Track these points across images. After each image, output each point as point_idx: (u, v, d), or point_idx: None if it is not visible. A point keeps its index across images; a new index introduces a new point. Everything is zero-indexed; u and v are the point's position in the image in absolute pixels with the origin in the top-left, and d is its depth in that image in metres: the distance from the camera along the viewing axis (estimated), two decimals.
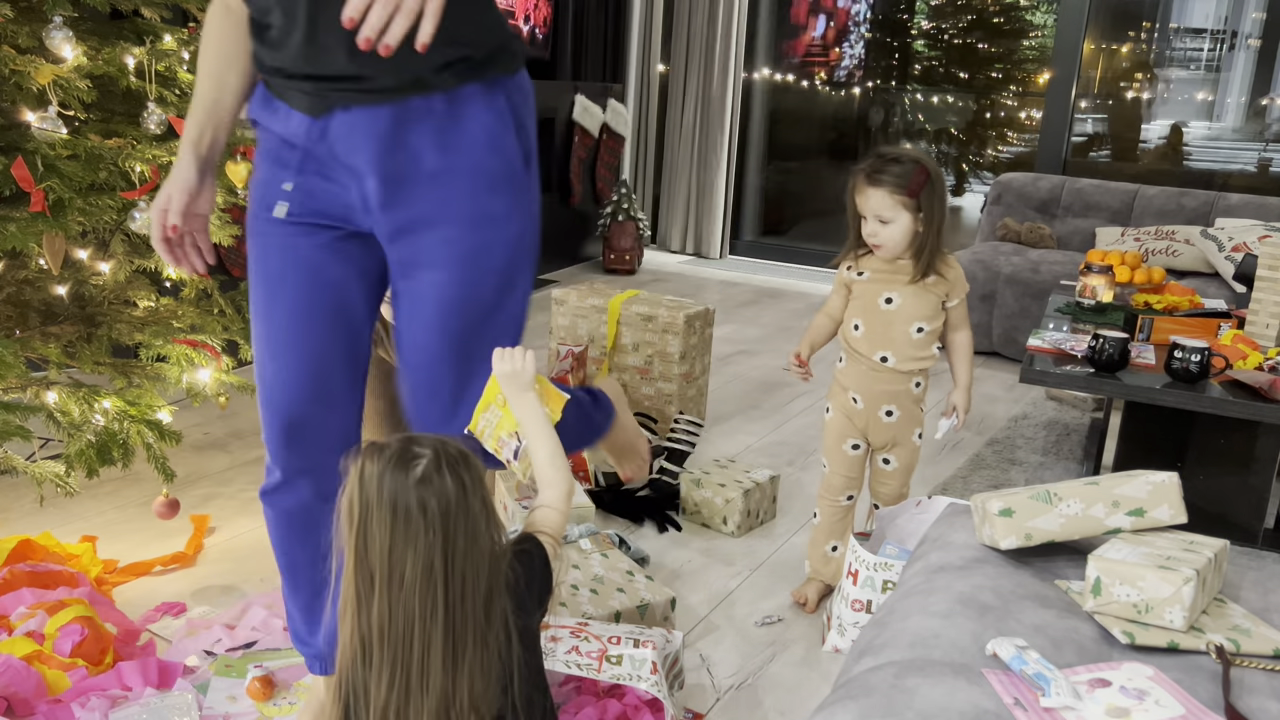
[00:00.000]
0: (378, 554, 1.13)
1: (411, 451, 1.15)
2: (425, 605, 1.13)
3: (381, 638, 1.14)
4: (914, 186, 1.96)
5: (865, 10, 6.38)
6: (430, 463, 1.14)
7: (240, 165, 2.22)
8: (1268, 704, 1.22)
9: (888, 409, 2.15)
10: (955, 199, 6.45)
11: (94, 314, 2.25)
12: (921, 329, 2.10)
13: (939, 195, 2.00)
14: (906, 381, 2.14)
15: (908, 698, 1.18)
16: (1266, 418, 2.34)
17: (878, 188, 1.99)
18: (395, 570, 1.13)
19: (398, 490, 1.13)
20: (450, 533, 1.14)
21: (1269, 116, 5.36)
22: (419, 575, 1.13)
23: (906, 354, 2.11)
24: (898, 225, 2.00)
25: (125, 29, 2.19)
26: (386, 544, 1.13)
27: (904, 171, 1.97)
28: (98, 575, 2.11)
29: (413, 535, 1.13)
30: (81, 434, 2.14)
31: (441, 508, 1.13)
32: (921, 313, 2.09)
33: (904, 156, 1.99)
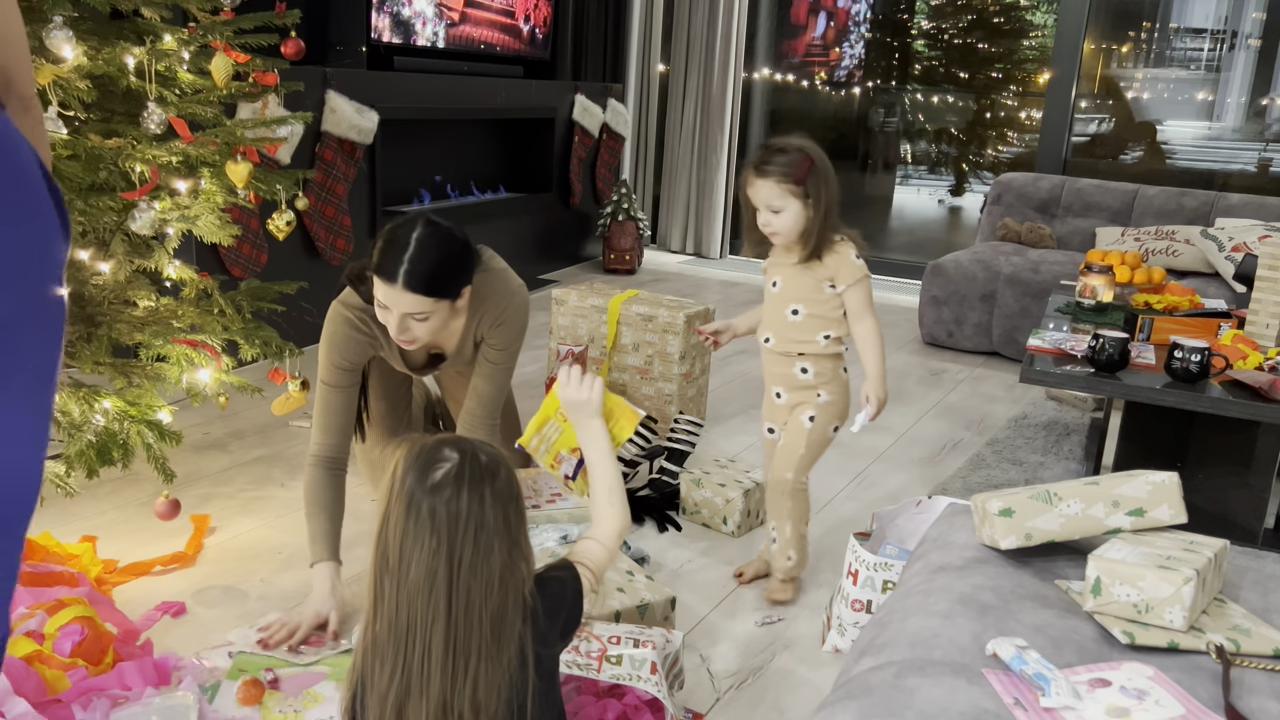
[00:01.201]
0: (394, 545, 1.14)
1: (439, 455, 1.16)
2: (427, 609, 1.13)
3: (390, 630, 1.15)
4: (799, 174, 2.02)
5: (865, 10, 6.38)
6: (450, 471, 1.15)
7: (240, 165, 2.22)
8: (1268, 704, 1.22)
9: (776, 390, 2.21)
10: (955, 199, 6.46)
11: (94, 314, 2.25)
12: (797, 311, 2.12)
13: (826, 181, 2.05)
14: (789, 365, 2.16)
15: (908, 698, 1.18)
16: (1266, 418, 2.34)
17: (765, 178, 2.04)
18: (404, 566, 1.14)
19: (414, 490, 1.14)
20: (456, 544, 1.13)
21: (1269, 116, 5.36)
22: (423, 577, 1.13)
23: (785, 336, 2.15)
24: (788, 213, 2.04)
25: (125, 29, 2.19)
26: (398, 538, 1.14)
27: (790, 161, 2.02)
28: (98, 575, 2.11)
29: (420, 536, 1.13)
30: (82, 434, 2.14)
31: (450, 517, 1.13)
32: (798, 295, 2.12)
33: (789, 146, 2.04)
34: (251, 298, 2.49)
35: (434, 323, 2.06)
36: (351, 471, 2.80)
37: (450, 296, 2.07)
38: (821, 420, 2.17)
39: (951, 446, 3.30)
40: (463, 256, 2.10)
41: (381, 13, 4.20)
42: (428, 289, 1.99)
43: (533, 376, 3.64)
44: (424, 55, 4.51)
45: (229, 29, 2.25)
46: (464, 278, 2.12)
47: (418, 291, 1.98)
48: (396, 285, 1.97)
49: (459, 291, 2.10)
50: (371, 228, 4.21)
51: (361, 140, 3.95)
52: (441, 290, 2.03)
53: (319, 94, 3.79)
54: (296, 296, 2.69)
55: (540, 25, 5.26)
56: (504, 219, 5.10)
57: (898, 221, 6.55)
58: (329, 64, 4.07)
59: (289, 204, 2.46)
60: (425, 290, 1.99)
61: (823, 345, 2.14)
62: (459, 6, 4.66)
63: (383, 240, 2.02)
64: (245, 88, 2.34)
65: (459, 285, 2.10)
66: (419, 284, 1.98)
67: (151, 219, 2.05)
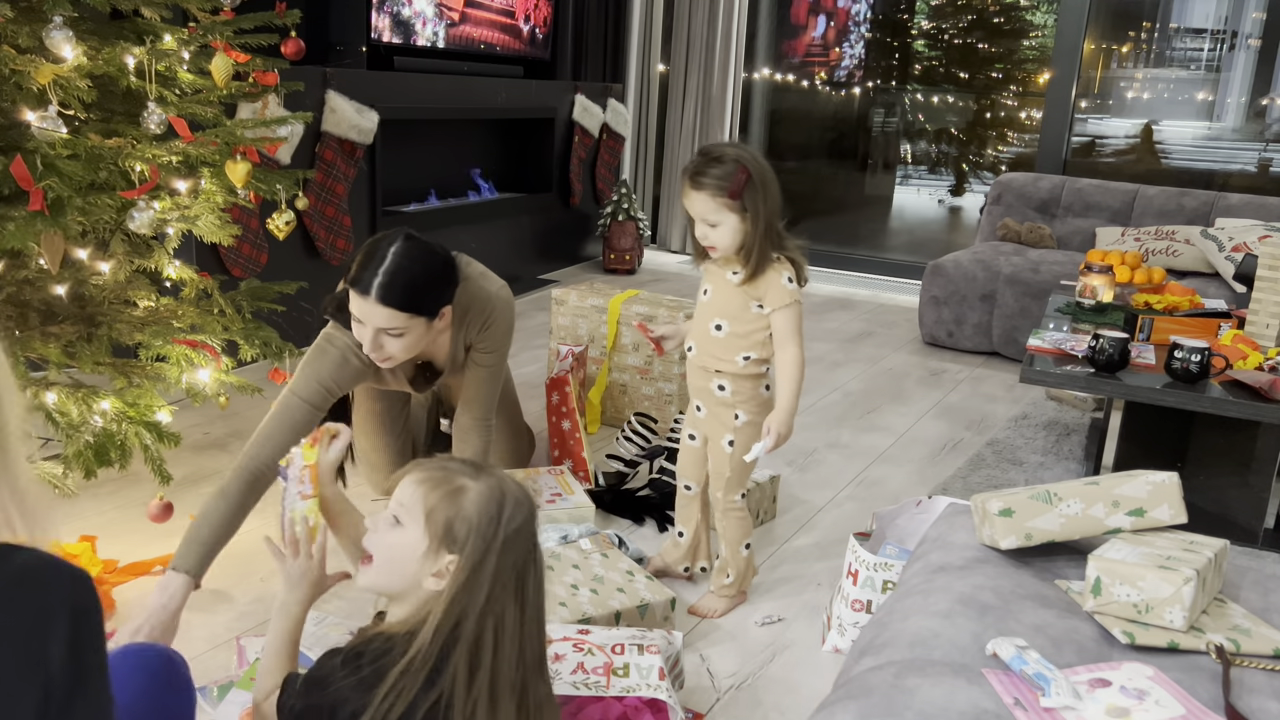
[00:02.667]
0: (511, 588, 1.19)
1: (520, 493, 1.23)
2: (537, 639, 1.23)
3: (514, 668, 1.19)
4: (735, 188, 1.89)
5: (865, 10, 6.38)
6: (528, 507, 1.24)
7: (240, 165, 2.22)
8: (1268, 704, 1.22)
9: (697, 403, 2.12)
10: (955, 199, 6.46)
11: (94, 314, 2.25)
12: (721, 327, 2.02)
13: (765, 193, 1.91)
14: (707, 380, 2.07)
15: (908, 698, 1.18)
16: (1266, 418, 2.34)
17: (700, 191, 1.92)
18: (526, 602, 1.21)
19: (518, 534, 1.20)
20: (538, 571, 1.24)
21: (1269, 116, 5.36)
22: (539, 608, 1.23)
23: (705, 349, 2.05)
24: (725, 227, 1.93)
25: (125, 29, 2.19)
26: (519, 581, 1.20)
27: (725, 173, 1.89)
28: (97, 575, 2.11)
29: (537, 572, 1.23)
30: (80, 435, 2.14)
31: (536, 550, 1.24)
32: (724, 310, 2.01)
33: (726, 155, 1.91)
34: (251, 298, 2.49)
35: (409, 340, 2.00)
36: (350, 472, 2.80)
37: (426, 314, 2.00)
38: (741, 443, 2.07)
39: (951, 446, 3.30)
40: (442, 273, 2.04)
41: (381, 13, 4.20)
42: (402, 304, 1.93)
43: (533, 376, 3.64)
44: (424, 55, 4.51)
45: (229, 29, 2.25)
46: (443, 296, 2.05)
47: (391, 305, 1.93)
48: (370, 298, 1.92)
49: (436, 310, 2.03)
50: (371, 228, 4.21)
51: (361, 140, 3.95)
52: (416, 306, 1.97)
53: (319, 94, 3.79)
54: (296, 296, 2.69)
55: (540, 25, 5.26)
56: (504, 219, 5.10)
57: (898, 221, 6.56)
58: (329, 64, 4.07)
59: (289, 204, 2.45)
60: (399, 305, 1.93)
61: (741, 366, 2.02)
62: (459, 6, 4.66)
63: (362, 253, 1.97)
64: (245, 88, 2.34)
65: (436, 304, 2.03)
66: (393, 298, 1.92)
67: (151, 219, 2.05)
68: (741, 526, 2.15)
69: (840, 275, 6.03)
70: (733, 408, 2.06)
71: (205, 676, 1.85)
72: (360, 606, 2.12)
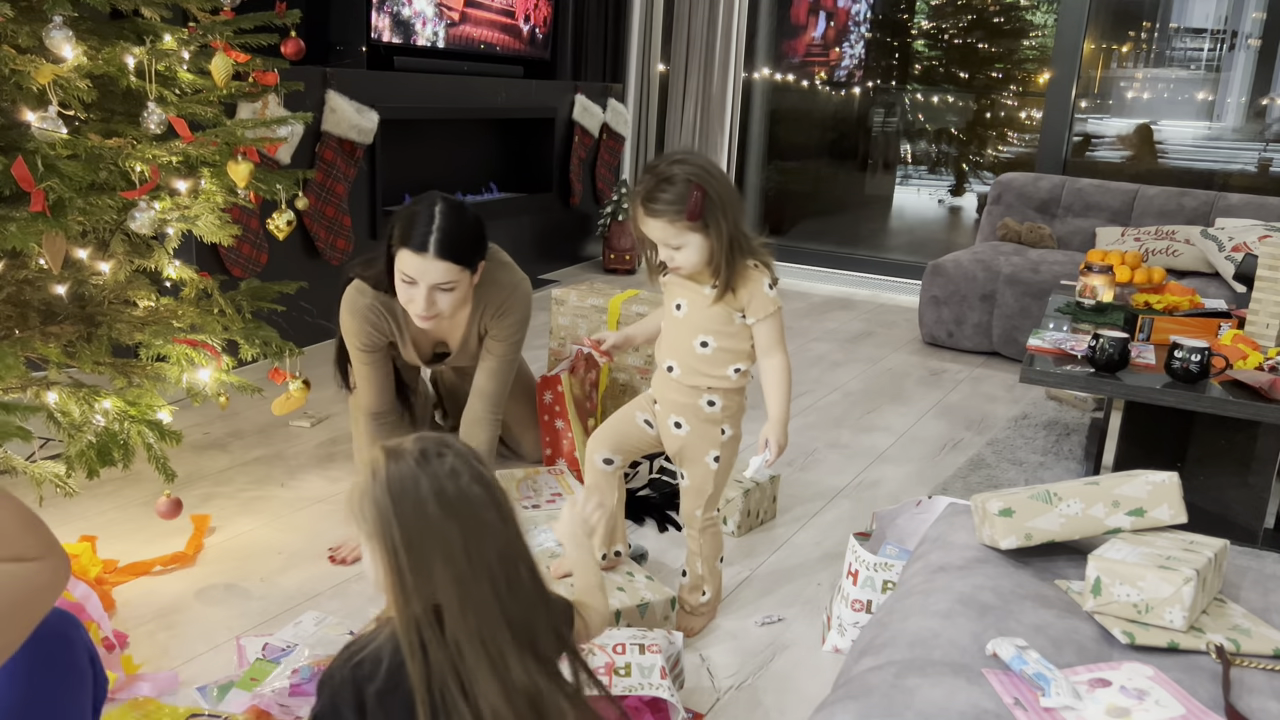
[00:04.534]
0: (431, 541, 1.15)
1: (440, 447, 1.19)
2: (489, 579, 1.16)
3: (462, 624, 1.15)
4: (693, 211, 1.80)
5: (865, 10, 6.38)
6: (453, 455, 1.18)
7: (240, 165, 2.22)
8: (1268, 704, 1.22)
9: (675, 420, 2.00)
10: (955, 199, 6.46)
11: (94, 314, 2.25)
12: (706, 344, 1.93)
13: (724, 206, 1.82)
14: (695, 397, 1.97)
15: (908, 698, 1.18)
16: (1266, 418, 2.34)
17: (656, 219, 1.83)
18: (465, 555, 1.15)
19: (435, 479, 1.16)
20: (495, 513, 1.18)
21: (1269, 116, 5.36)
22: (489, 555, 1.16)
23: (691, 367, 1.95)
24: (690, 248, 1.84)
25: (125, 29, 2.18)
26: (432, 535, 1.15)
27: (678, 195, 1.80)
28: (97, 575, 2.11)
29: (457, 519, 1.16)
30: (82, 434, 2.14)
31: (479, 492, 1.17)
32: (707, 326, 1.92)
33: (675, 176, 1.81)
34: (251, 298, 2.49)
35: (458, 294, 2.17)
36: (349, 471, 2.80)
37: (471, 267, 2.18)
38: (726, 458, 2.03)
39: (951, 446, 3.30)
40: (479, 229, 2.22)
41: (381, 13, 4.20)
42: (456, 256, 2.12)
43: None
44: (424, 55, 4.51)
45: (229, 29, 2.25)
46: (482, 250, 2.23)
47: (447, 259, 2.10)
48: (428, 254, 2.09)
49: (477, 264, 2.20)
50: (371, 228, 4.21)
51: (361, 140, 3.95)
52: (467, 259, 2.14)
53: (319, 94, 3.79)
54: (296, 296, 2.69)
55: (540, 25, 5.26)
56: (504, 219, 5.10)
57: (898, 221, 6.55)
58: (329, 64, 4.07)
59: (289, 204, 2.45)
60: (454, 258, 2.11)
61: (733, 379, 1.96)
62: (459, 6, 4.66)
63: (403, 218, 2.14)
64: (245, 88, 2.34)
65: (478, 257, 2.21)
66: (448, 252, 2.10)
67: (151, 219, 2.04)
68: (717, 541, 2.11)
69: (840, 275, 6.03)
70: (720, 423, 2.00)
71: (205, 676, 1.85)
72: (360, 606, 2.12)
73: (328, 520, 2.52)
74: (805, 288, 5.76)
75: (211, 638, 1.99)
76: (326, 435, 3.06)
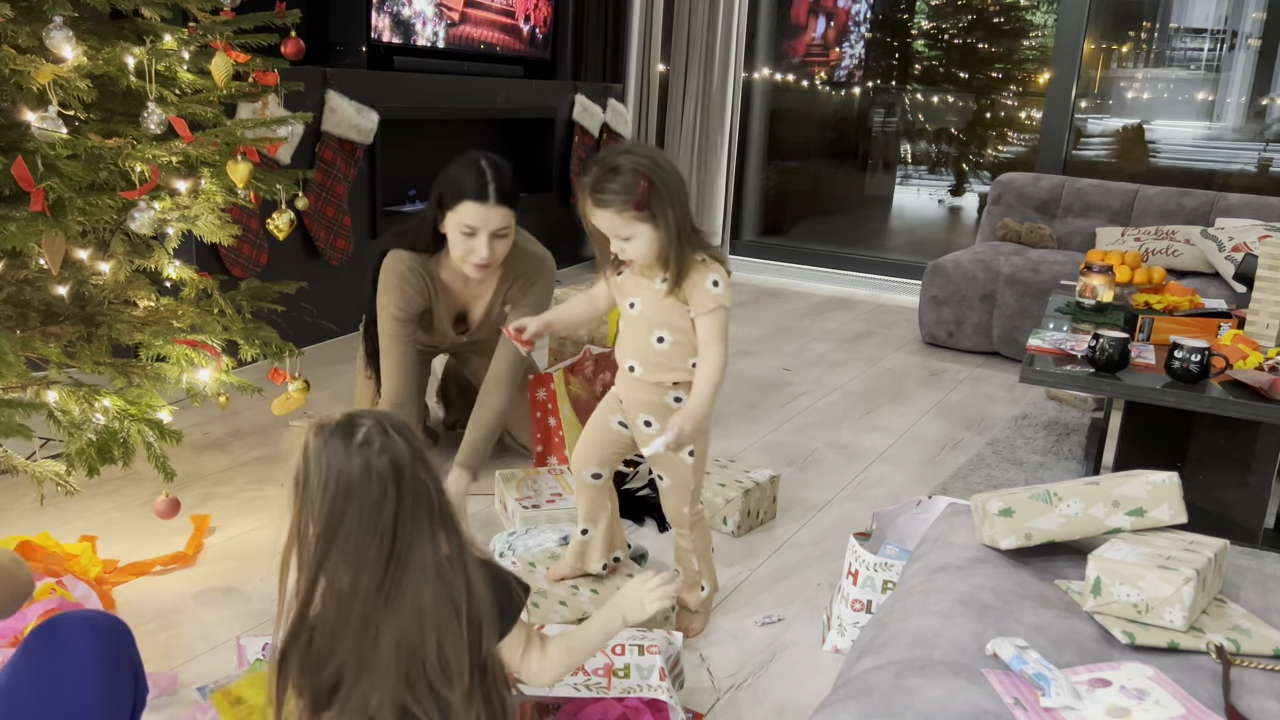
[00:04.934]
0: (327, 509, 1.18)
1: (353, 421, 1.19)
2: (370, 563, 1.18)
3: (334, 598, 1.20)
4: (640, 200, 1.79)
5: (865, 10, 6.38)
6: (371, 427, 1.18)
7: (240, 165, 2.22)
8: (1268, 704, 1.22)
9: (645, 419, 1.97)
10: (955, 199, 6.46)
11: (94, 314, 2.25)
12: (663, 339, 1.91)
13: (671, 197, 1.82)
14: (660, 394, 1.95)
15: (908, 698, 1.18)
16: (1266, 418, 2.34)
17: (604, 209, 1.82)
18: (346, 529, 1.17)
19: (343, 452, 1.17)
20: (395, 491, 1.17)
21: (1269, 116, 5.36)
22: (367, 535, 1.17)
23: (652, 363, 1.92)
24: (640, 239, 1.83)
25: (125, 29, 2.18)
26: (332, 502, 1.18)
27: (625, 185, 1.79)
28: (97, 575, 2.11)
29: (358, 493, 1.17)
30: (82, 433, 2.14)
31: (389, 465, 1.17)
32: (662, 320, 1.90)
33: (622, 166, 1.80)
34: (251, 298, 2.49)
35: (508, 241, 2.37)
36: None
37: (517, 213, 2.41)
38: (700, 449, 2.01)
39: (951, 446, 3.30)
40: (516, 179, 2.46)
41: (381, 13, 4.20)
42: (510, 202, 2.34)
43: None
44: (424, 55, 4.51)
45: (229, 29, 2.24)
46: (519, 197, 2.45)
47: (505, 205, 2.32)
48: (489, 202, 2.30)
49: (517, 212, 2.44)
50: (371, 228, 4.21)
51: (361, 140, 3.95)
52: (516, 204, 2.35)
53: (319, 94, 3.79)
54: (296, 296, 2.69)
55: (540, 25, 5.26)
56: None
57: (898, 221, 6.55)
58: (329, 64, 4.07)
59: (289, 204, 2.45)
60: (510, 203, 2.33)
61: (693, 371, 1.92)
62: (459, 6, 4.66)
63: (454, 177, 2.35)
64: (245, 88, 2.34)
65: (518, 203, 2.42)
66: (505, 198, 2.33)
67: (151, 219, 2.04)
68: (707, 534, 2.11)
69: (840, 275, 6.04)
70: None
71: (205, 676, 1.85)
72: None
73: None
74: (805, 288, 5.76)
75: (211, 638, 1.99)
76: None
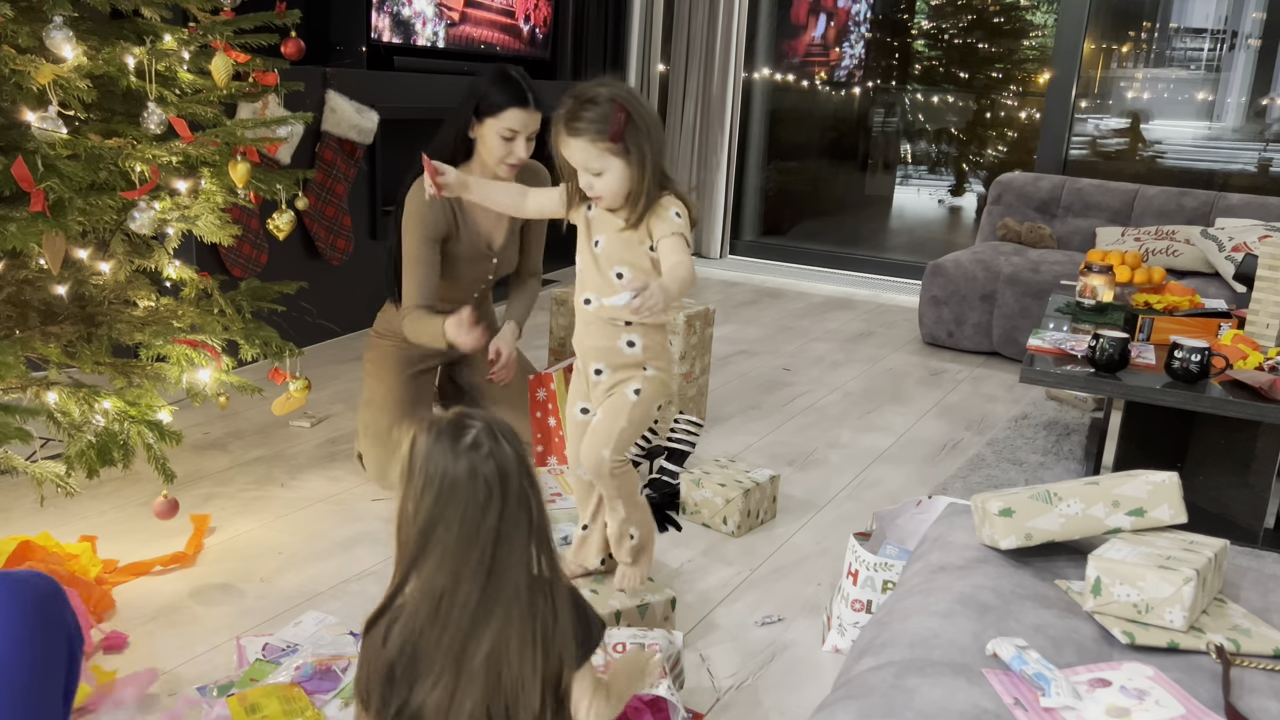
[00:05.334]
0: (431, 511, 1.16)
1: (463, 422, 1.19)
2: (467, 568, 1.16)
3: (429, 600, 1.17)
4: (615, 131, 1.73)
5: (865, 10, 6.38)
6: (480, 430, 1.18)
7: (240, 165, 2.22)
8: (1268, 704, 1.22)
9: (596, 367, 1.91)
10: (955, 199, 6.46)
11: (94, 314, 2.25)
12: (621, 275, 1.84)
13: (648, 131, 1.76)
14: (613, 338, 1.88)
15: (908, 698, 1.18)
16: (1266, 418, 2.34)
17: (577, 138, 1.76)
18: (443, 529, 1.15)
19: (449, 454, 1.16)
20: (500, 497, 1.16)
21: (1269, 116, 5.35)
22: (467, 535, 1.15)
23: (610, 297, 1.84)
24: (611, 174, 1.77)
25: (125, 29, 2.18)
26: (435, 504, 1.16)
27: (601, 115, 1.74)
28: (97, 575, 2.11)
29: (461, 496, 1.16)
30: (82, 434, 2.14)
31: (495, 471, 1.16)
32: (623, 257, 1.85)
33: (599, 96, 1.75)
34: (251, 298, 2.49)
35: (533, 144, 2.58)
36: (349, 471, 2.80)
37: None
38: (648, 394, 1.91)
39: (951, 446, 3.30)
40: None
41: (381, 13, 4.20)
42: (544, 107, 2.53)
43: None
44: (424, 55, 4.51)
45: (229, 29, 2.24)
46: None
47: (541, 109, 2.54)
48: (530, 107, 2.52)
49: None
50: (371, 228, 4.21)
51: (361, 140, 3.95)
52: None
53: (319, 94, 3.79)
54: (296, 296, 2.69)
55: (540, 25, 5.26)
56: None
57: (898, 221, 6.56)
58: (329, 64, 4.06)
59: (289, 204, 2.45)
60: (543, 108, 2.52)
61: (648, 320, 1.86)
62: (459, 6, 4.66)
63: (487, 87, 2.53)
64: (245, 88, 2.34)
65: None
66: (540, 104, 2.55)
67: (151, 219, 2.04)
68: (630, 479, 1.97)
69: (840, 275, 6.04)
70: (642, 363, 1.91)
71: (205, 677, 1.85)
72: (360, 606, 2.12)
73: (328, 520, 2.52)
74: (805, 288, 5.76)
75: (211, 638, 1.99)
76: (326, 435, 3.06)
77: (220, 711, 1.68)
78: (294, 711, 1.67)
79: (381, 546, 2.39)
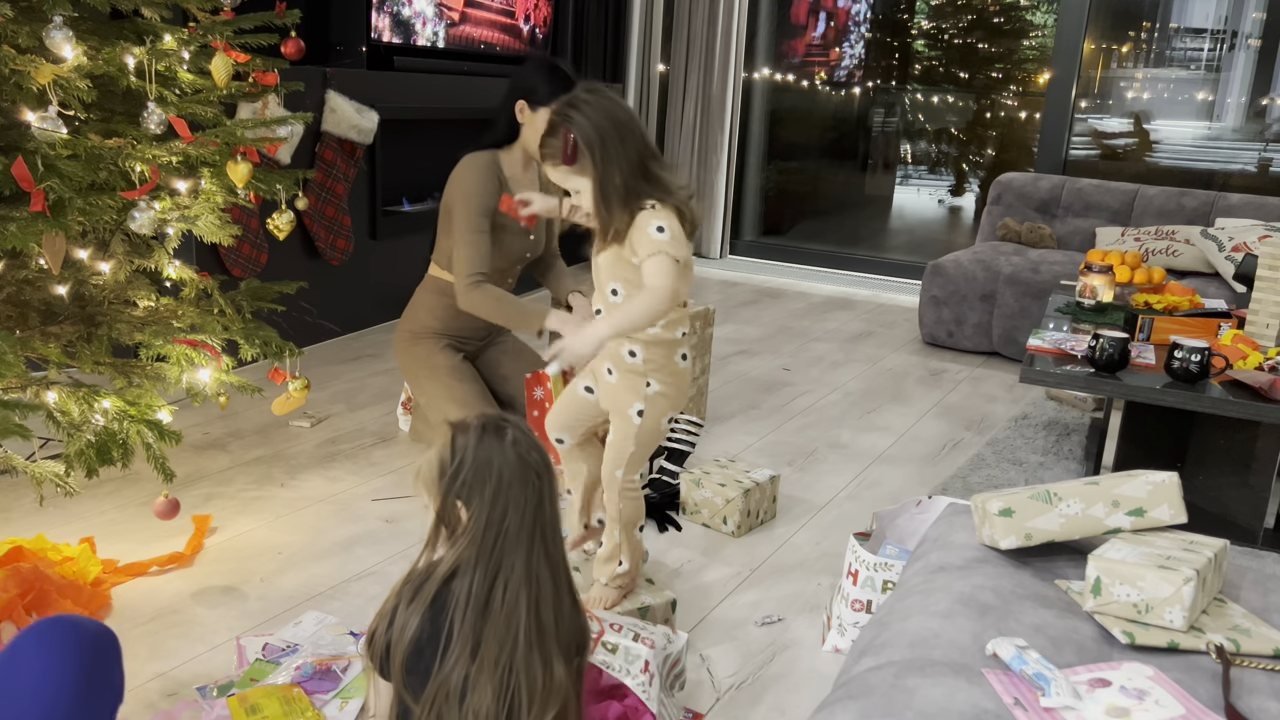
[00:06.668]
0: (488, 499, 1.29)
1: (502, 421, 1.33)
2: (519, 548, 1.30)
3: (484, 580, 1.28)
4: (568, 156, 1.80)
5: (865, 10, 6.38)
6: (518, 429, 1.33)
7: (240, 165, 2.22)
8: (1268, 704, 1.22)
9: (608, 366, 1.98)
10: (955, 199, 6.45)
11: (94, 314, 2.25)
12: (616, 291, 1.90)
13: (605, 152, 1.79)
14: (618, 345, 1.94)
15: (908, 698, 1.18)
16: (1266, 418, 2.34)
17: (546, 163, 1.86)
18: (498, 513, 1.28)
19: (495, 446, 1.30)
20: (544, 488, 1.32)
21: (1269, 116, 5.35)
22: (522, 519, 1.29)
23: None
24: (585, 193, 1.84)
25: (125, 29, 2.18)
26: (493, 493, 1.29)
27: (555, 143, 1.82)
28: (96, 576, 2.11)
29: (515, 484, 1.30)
30: (81, 434, 2.14)
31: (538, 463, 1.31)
32: (614, 274, 1.90)
33: (557, 122, 1.81)
34: (251, 298, 2.49)
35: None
36: (349, 471, 2.80)
37: None
38: (652, 414, 1.95)
39: (951, 446, 3.30)
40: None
41: (381, 13, 4.20)
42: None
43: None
44: (424, 55, 4.51)
45: (229, 29, 2.24)
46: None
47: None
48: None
49: None
50: (372, 228, 4.21)
51: (361, 140, 3.95)
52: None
53: (319, 94, 3.79)
54: (296, 296, 2.69)
55: (540, 25, 5.26)
56: None
57: (898, 221, 6.55)
58: (329, 64, 4.06)
59: (289, 204, 2.45)
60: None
61: (651, 331, 1.90)
62: (459, 6, 4.66)
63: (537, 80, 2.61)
64: (245, 88, 2.34)
65: None
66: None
67: (151, 219, 2.04)
68: (636, 507, 2.03)
69: (840, 275, 6.04)
70: (644, 375, 1.93)
71: (205, 677, 1.85)
72: (360, 606, 2.12)
73: (328, 520, 2.52)
74: (805, 288, 5.76)
75: (211, 638, 1.99)
76: (326, 435, 3.06)
77: (220, 712, 1.68)
78: (294, 712, 1.68)
79: (382, 546, 2.40)
